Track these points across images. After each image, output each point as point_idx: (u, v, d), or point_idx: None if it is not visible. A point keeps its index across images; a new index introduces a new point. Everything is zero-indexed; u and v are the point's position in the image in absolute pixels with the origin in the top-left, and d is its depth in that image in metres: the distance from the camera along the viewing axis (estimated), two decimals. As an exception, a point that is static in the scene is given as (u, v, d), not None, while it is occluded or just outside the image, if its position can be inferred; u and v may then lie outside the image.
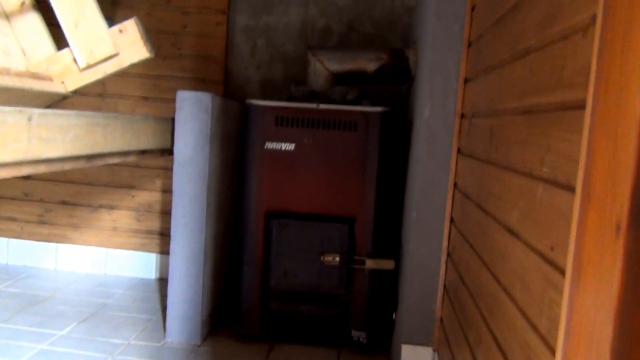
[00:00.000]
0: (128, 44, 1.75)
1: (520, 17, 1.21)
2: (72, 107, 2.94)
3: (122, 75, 2.93)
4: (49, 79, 1.76)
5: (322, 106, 2.21)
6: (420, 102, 2.06)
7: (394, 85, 2.70)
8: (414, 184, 2.02)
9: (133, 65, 1.81)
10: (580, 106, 0.77)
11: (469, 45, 1.86)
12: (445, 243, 1.92)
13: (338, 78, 2.55)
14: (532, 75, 1.07)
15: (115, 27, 1.76)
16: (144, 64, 2.96)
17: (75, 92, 1.86)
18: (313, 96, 2.43)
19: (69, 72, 1.78)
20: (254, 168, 2.25)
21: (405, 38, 2.89)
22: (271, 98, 2.93)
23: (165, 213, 3.04)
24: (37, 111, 1.46)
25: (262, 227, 2.27)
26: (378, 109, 2.21)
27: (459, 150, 1.88)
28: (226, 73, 2.99)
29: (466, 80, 1.86)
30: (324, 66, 2.53)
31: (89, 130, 1.73)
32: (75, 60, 1.75)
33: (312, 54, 2.55)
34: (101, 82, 2.94)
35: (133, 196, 3.08)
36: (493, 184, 1.33)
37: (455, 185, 1.89)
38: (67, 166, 1.69)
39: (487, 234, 1.34)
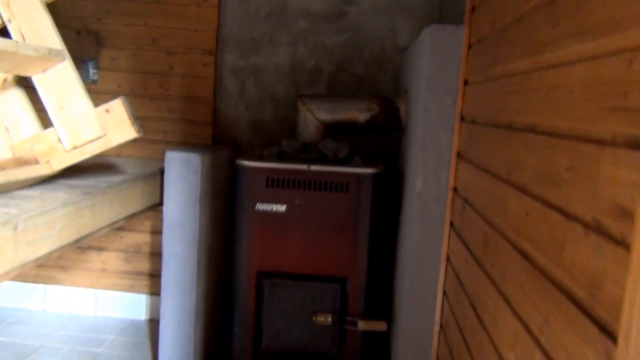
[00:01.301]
0: (115, 124, 1.71)
1: (516, 96, 1.19)
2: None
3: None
4: (34, 160, 1.73)
5: (314, 167, 2.19)
6: (412, 170, 2.04)
7: (385, 135, 2.68)
8: (406, 254, 2.01)
9: (120, 145, 1.77)
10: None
11: (462, 119, 1.84)
12: (438, 315, 1.92)
13: (329, 128, 2.52)
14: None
15: (102, 107, 1.72)
16: (131, 105, 2.93)
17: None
18: (305, 150, 2.40)
19: (54, 152, 1.74)
20: (245, 229, 2.23)
21: (396, 80, 2.86)
22: (261, 141, 2.91)
23: (155, 254, 3.01)
24: (22, 217, 1.43)
25: (254, 287, 2.25)
26: (370, 170, 2.19)
27: (452, 225, 1.87)
28: (215, 114, 2.95)
29: (459, 155, 1.84)
30: (314, 116, 2.50)
31: (77, 216, 1.70)
32: (60, 140, 1.71)
33: (302, 103, 2.52)
34: (87, 123, 2.89)
35: (122, 237, 3.04)
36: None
37: (448, 259, 1.89)
38: (55, 255, 1.67)
39: (480, 312, 1.34)
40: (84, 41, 2.76)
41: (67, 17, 2.88)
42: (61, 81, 1.70)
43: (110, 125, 1.73)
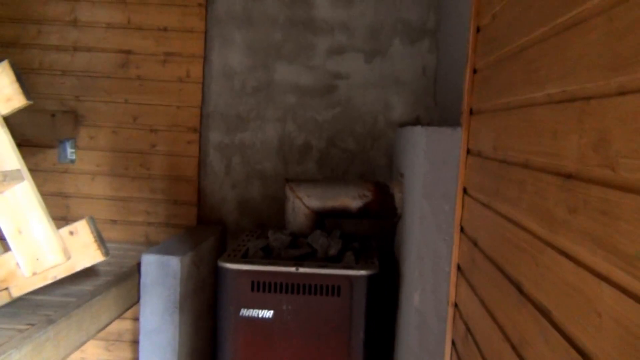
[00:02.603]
0: (80, 248, 1.55)
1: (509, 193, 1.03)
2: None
3: (87, 197, 2.73)
4: (-10, 287, 1.55)
5: (302, 270, 2.02)
6: (408, 278, 1.87)
7: (380, 222, 2.52)
8: (404, 372, 1.83)
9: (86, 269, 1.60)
10: None
11: (462, 229, 1.68)
12: None
13: (319, 215, 2.36)
14: None
15: (66, 229, 1.56)
16: (111, 185, 2.78)
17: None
18: (293, 245, 2.24)
19: (13, 277, 1.57)
20: (229, 337, 2.05)
21: (390, 156, 2.71)
22: (250, 221, 2.75)
23: (137, 342, 2.82)
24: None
25: (239, 400, 2.06)
26: (363, 272, 2.02)
27: (453, 344, 1.70)
28: (200, 193, 2.79)
29: (459, 268, 1.68)
30: (303, 203, 2.35)
31: (38, 352, 1.53)
32: (19, 265, 1.54)
33: (291, 189, 2.37)
34: (65, 205, 2.74)
35: (102, 325, 2.85)
36: None
37: (450, 381, 1.71)
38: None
39: None
40: (60, 122, 2.62)
41: (43, 96, 2.74)
42: (20, 203, 1.54)
43: (75, 249, 1.57)
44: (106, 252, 1.57)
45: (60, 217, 2.79)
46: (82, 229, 1.56)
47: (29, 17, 2.76)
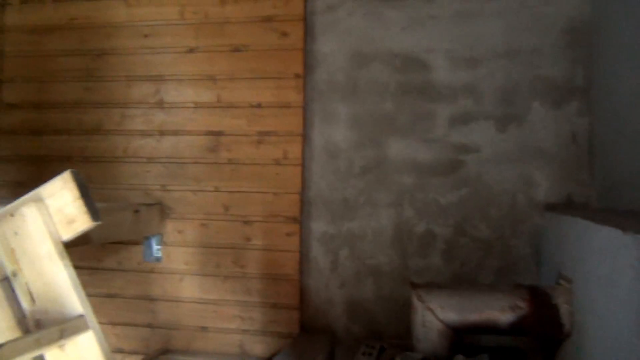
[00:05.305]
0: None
1: None
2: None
3: (174, 300, 2.37)
4: None
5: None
6: None
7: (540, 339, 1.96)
8: None
9: None
10: None
11: None
12: None
13: (457, 332, 1.85)
14: None
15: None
16: (200, 286, 2.41)
17: None
18: (429, 376, 1.73)
19: None
20: None
21: (536, 247, 2.17)
22: (362, 328, 2.27)
23: None
24: None
25: None
26: None
27: None
28: (302, 294, 2.35)
29: None
30: (436, 317, 1.85)
31: None
32: None
33: (419, 298, 1.88)
34: (150, 310, 2.39)
35: None
36: None
37: None
38: None
39: None
40: (145, 217, 2.29)
41: (127, 187, 2.45)
42: (82, 358, 1.15)
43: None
44: None
45: (146, 324, 2.44)
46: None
47: (112, 101, 2.51)
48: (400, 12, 2.31)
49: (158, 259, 2.43)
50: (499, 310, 1.81)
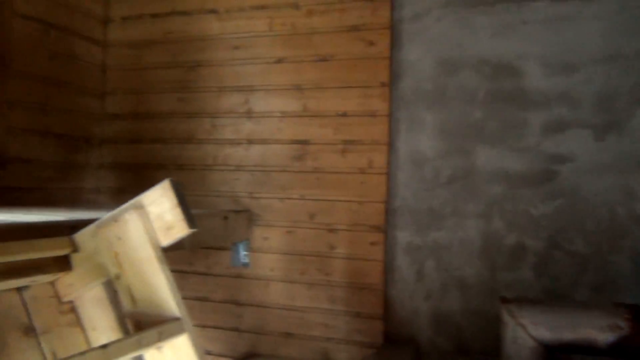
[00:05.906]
0: None
1: None
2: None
3: (260, 305, 2.42)
4: None
5: None
6: None
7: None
8: None
9: None
10: None
11: None
12: None
13: (550, 350, 1.76)
14: None
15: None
16: (286, 292, 2.44)
17: None
18: (521, 396, 1.66)
19: None
20: None
21: (638, 263, 2.03)
22: (448, 341, 2.21)
23: None
24: None
25: None
26: None
27: None
28: (386, 305, 2.33)
29: None
30: (528, 334, 1.77)
31: None
32: None
33: (509, 313, 1.81)
34: (237, 315, 2.45)
35: None
36: None
37: None
38: None
39: None
40: (233, 223, 2.36)
41: (217, 193, 2.54)
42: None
43: None
44: None
45: (232, 328, 2.51)
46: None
47: (203, 111, 2.61)
48: (489, 18, 2.25)
49: (245, 265, 2.50)
50: (597, 330, 1.71)
